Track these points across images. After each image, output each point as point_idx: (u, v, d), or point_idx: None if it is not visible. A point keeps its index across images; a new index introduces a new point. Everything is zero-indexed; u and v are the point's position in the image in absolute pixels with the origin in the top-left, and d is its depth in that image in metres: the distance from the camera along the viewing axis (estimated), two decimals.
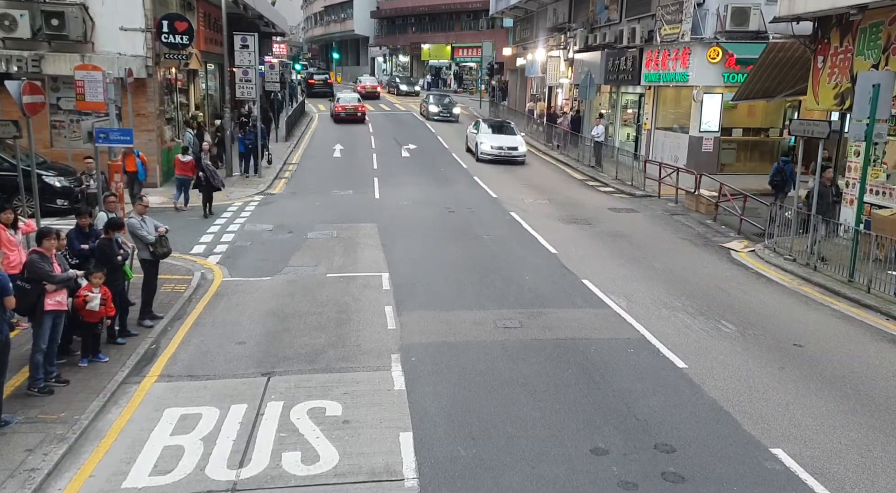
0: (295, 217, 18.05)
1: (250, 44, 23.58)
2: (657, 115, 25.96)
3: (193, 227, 16.83)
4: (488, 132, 29.12)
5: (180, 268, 13.47)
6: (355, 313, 11.13)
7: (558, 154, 30.85)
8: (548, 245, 15.45)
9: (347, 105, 41.45)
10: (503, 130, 29.82)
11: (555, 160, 29.87)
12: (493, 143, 28.10)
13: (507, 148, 27.95)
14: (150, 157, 21.28)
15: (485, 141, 28.22)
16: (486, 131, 29.26)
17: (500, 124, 30.90)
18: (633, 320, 10.81)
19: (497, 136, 28.75)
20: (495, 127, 30.30)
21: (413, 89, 61.00)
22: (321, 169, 26.29)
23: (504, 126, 30.47)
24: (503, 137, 28.77)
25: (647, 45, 25.62)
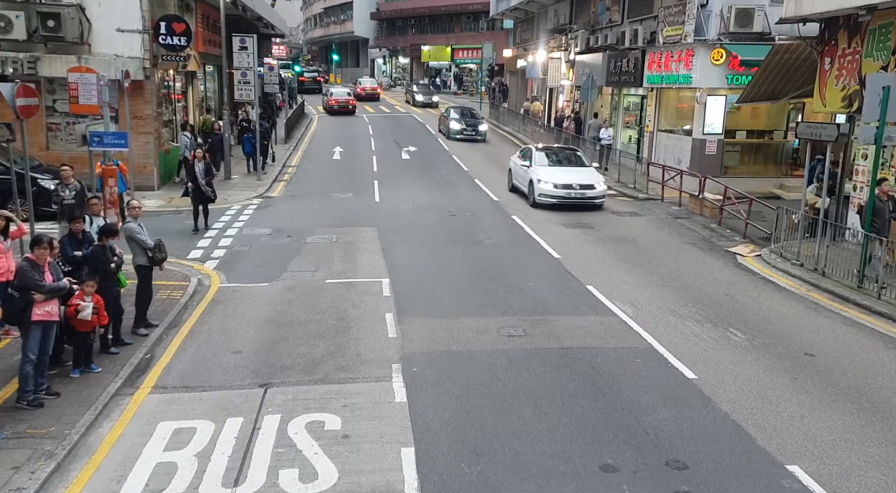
0: (294, 221, 17.79)
1: (249, 45, 23.34)
2: (659, 117, 25.70)
3: (190, 231, 16.56)
4: (546, 164, 20.89)
5: (177, 274, 13.21)
6: (355, 320, 10.87)
7: None
8: (551, 250, 15.19)
9: (340, 99, 46.60)
10: (569, 160, 21.54)
11: None
12: (556, 179, 19.82)
13: (578, 187, 19.60)
14: (148, 159, 21.08)
15: (543, 177, 19.90)
16: (543, 162, 20.91)
17: (564, 153, 22.41)
18: (640, 328, 10.54)
19: (560, 169, 20.63)
20: (556, 156, 21.78)
21: (431, 100, 51.50)
22: (320, 172, 26.03)
23: (569, 155, 22.06)
24: (570, 171, 20.49)
25: (649, 47, 25.37)
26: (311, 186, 23.10)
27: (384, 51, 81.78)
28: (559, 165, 21.05)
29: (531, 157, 21.40)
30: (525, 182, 21.00)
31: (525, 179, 21.03)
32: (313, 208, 19.59)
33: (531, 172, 20.58)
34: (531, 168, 20.80)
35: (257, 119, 24.68)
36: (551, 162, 21.21)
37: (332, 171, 26.31)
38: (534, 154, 21.49)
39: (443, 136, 35.27)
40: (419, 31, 74.11)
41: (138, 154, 20.84)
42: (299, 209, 19.46)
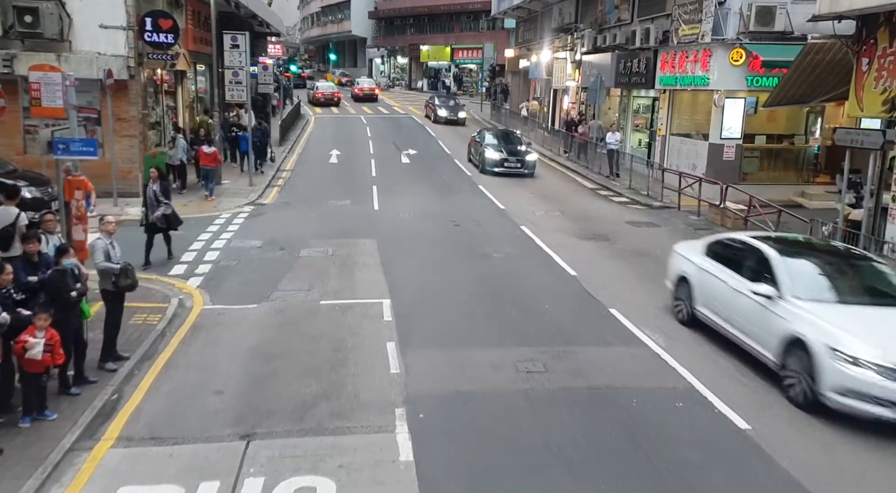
0: (287, 231, 16.55)
1: (241, 43, 22.08)
2: (672, 120, 24.51)
3: (176, 242, 15.24)
4: None
5: (156, 293, 11.97)
6: (353, 351, 9.63)
7: (566, 160, 29.39)
8: (566, 266, 13.97)
9: (326, 92, 51.77)
10: None
11: (562, 167, 28.40)
12: None
13: None
14: (132, 164, 19.82)
15: None
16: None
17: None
18: (676, 362, 9.32)
19: None
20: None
21: (457, 116, 40.89)
22: (316, 176, 24.79)
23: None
24: None
25: (662, 47, 24.18)
26: (307, 193, 21.86)
27: (382, 51, 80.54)
28: None
29: None
30: None
31: None
32: (308, 217, 18.36)
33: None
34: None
35: (250, 122, 23.43)
36: None
37: (329, 175, 25.08)
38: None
39: (474, 166, 26.53)
40: (418, 30, 72.88)
41: (122, 158, 19.61)
42: (293, 218, 18.21)
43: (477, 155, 26.62)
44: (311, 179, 24.17)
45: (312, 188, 22.57)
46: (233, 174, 23.44)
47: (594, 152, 26.95)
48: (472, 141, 28.09)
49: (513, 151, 25.64)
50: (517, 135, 28.44)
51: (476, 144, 27.30)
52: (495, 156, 25.18)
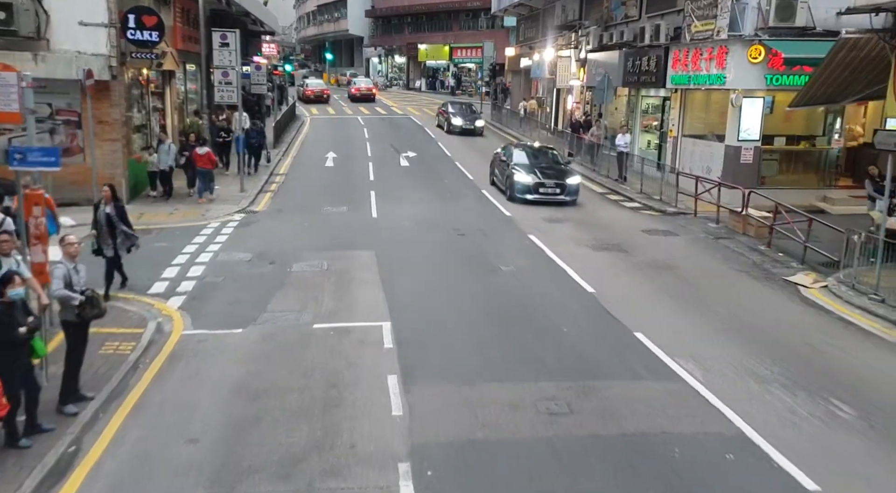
0: (279, 243, 15.40)
1: (231, 41, 20.89)
2: (685, 121, 23.38)
3: (158, 256, 14.16)
4: None
5: (132, 316, 10.82)
6: (349, 387, 8.49)
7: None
8: (581, 281, 12.82)
9: (315, 89, 53.39)
10: None
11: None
12: None
13: None
14: (115, 170, 18.65)
15: None
16: None
17: None
18: (719, 400, 8.18)
19: None
20: None
21: (474, 126, 35.70)
22: (311, 181, 23.63)
23: None
24: None
25: (673, 44, 23.04)
26: (301, 199, 20.70)
27: (380, 50, 79.37)
28: None
29: None
30: None
31: None
32: (302, 226, 17.20)
33: None
34: None
35: (241, 124, 22.27)
36: None
37: (325, 180, 23.92)
38: None
39: (500, 192, 21.44)
40: (416, 29, 71.72)
41: (104, 164, 18.39)
42: (286, 227, 17.06)
43: (503, 178, 21.34)
44: (306, 184, 23.02)
45: (307, 194, 21.42)
46: (224, 180, 22.25)
47: (602, 155, 25.77)
48: (497, 160, 22.78)
49: (549, 172, 20.68)
50: (555, 152, 22.91)
51: (501, 165, 21.95)
52: (527, 179, 19.99)
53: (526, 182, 20.11)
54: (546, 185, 20.01)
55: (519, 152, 22.06)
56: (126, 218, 12.19)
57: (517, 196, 20.03)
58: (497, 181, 22.35)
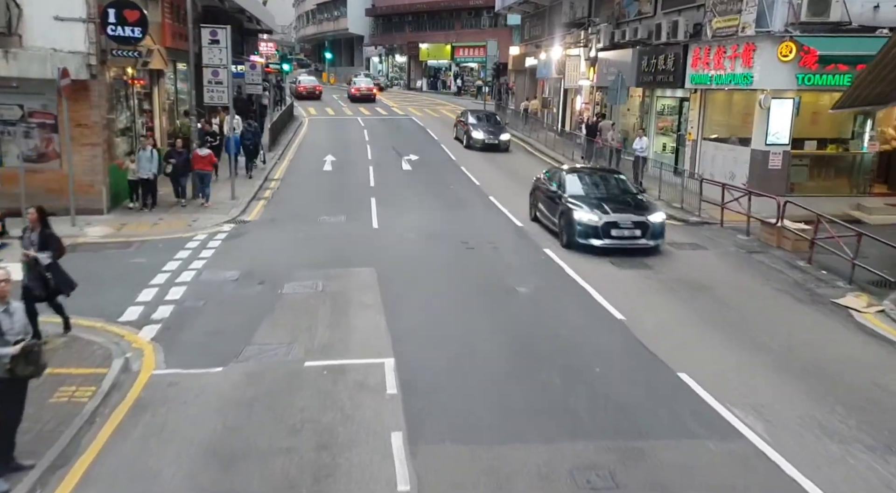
0: (270, 258, 13.99)
1: (221, 38, 19.46)
2: (705, 123, 21.96)
3: (135, 275, 12.75)
4: None
5: (97, 351, 9.41)
6: (345, 449, 7.06)
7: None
8: (609, 305, 11.40)
9: (308, 85, 54.69)
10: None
11: None
12: None
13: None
14: (95, 176, 17.26)
15: None
16: None
17: None
18: (794, 468, 6.74)
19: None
20: None
21: (499, 139, 30.16)
22: (308, 187, 22.23)
23: None
24: None
25: (693, 41, 21.63)
26: (296, 207, 19.30)
27: (380, 49, 77.96)
28: None
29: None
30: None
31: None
32: (296, 238, 15.79)
33: None
34: None
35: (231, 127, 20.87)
36: None
37: (322, 186, 22.52)
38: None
39: (552, 234, 16.04)
40: (417, 28, 70.31)
41: (82, 170, 17.06)
42: (279, 240, 15.65)
43: (552, 212, 16.11)
44: (302, 191, 21.62)
45: (303, 201, 20.03)
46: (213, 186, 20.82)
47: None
48: (540, 188, 17.46)
49: (623, 205, 15.32)
50: (622, 177, 17.43)
51: (549, 200, 16.46)
52: (593, 218, 14.61)
53: (590, 221, 14.54)
54: (622, 224, 14.60)
55: (574, 179, 16.42)
56: (49, 244, 9.53)
57: (578, 242, 14.60)
58: (543, 216, 16.89)
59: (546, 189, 17.02)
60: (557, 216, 15.63)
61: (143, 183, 17.46)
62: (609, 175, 17.78)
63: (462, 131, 31.80)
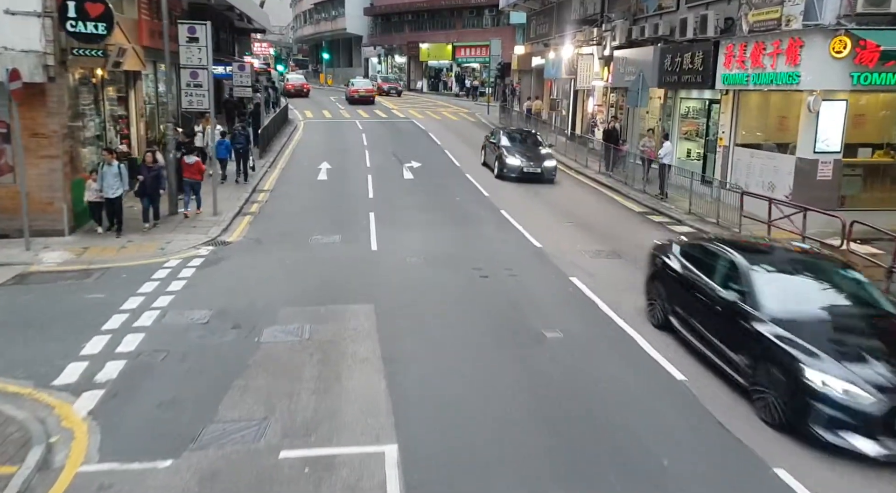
0: (250, 292, 11.87)
1: (201, 36, 17.36)
2: (738, 127, 19.84)
3: (87, 315, 10.65)
4: None
5: (12, 434, 7.30)
6: None
7: (595, 173, 24.73)
8: (664, 361, 9.26)
9: (296, 84, 55.72)
10: None
11: (593, 182, 23.75)
12: None
13: None
14: (54, 193, 15.16)
15: None
16: None
17: None
18: None
19: None
20: None
21: (540, 167, 23.21)
22: (300, 200, 20.11)
23: None
24: None
25: (725, 37, 19.51)
26: (286, 224, 17.18)
27: (379, 49, 75.82)
28: None
29: None
30: None
31: None
32: (283, 265, 13.67)
33: None
34: None
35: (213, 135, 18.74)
36: None
37: (316, 198, 20.40)
38: None
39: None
40: (417, 27, 68.20)
41: (39, 186, 14.99)
42: (262, 268, 13.52)
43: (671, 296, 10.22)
44: (294, 204, 19.49)
45: (293, 217, 17.91)
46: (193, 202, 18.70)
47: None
48: (662, 270, 10.72)
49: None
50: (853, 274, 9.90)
51: (675, 285, 10.19)
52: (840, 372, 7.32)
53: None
54: None
55: (755, 266, 9.04)
56: None
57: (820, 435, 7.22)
58: (663, 307, 10.45)
59: (665, 268, 10.53)
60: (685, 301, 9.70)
61: (107, 204, 15.19)
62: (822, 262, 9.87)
63: (492, 156, 24.51)
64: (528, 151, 23.79)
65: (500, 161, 23.46)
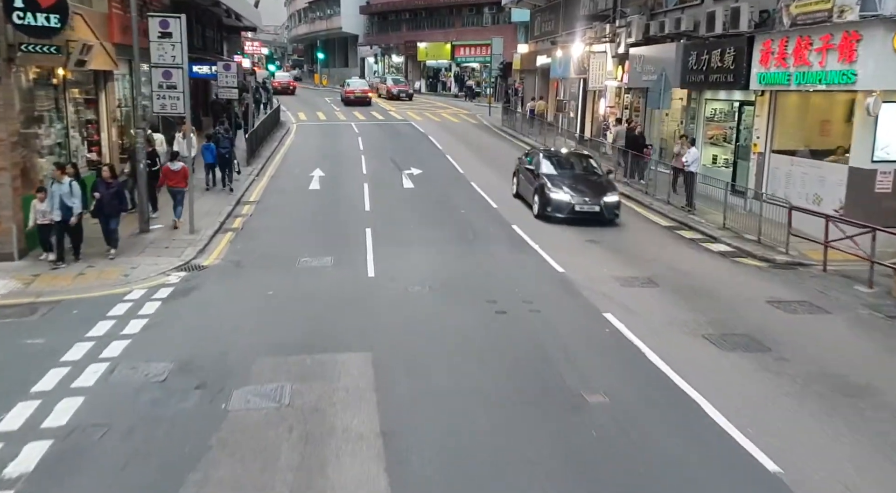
0: (220, 337, 9.83)
1: (174, 30, 15.30)
2: (775, 131, 17.86)
3: (17, 371, 8.62)
4: None
5: None
6: None
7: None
8: (737, 435, 7.24)
9: (282, 81, 57.60)
10: None
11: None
12: None
13: None
14: (2, 211, 13.09)
15: None
16: None
17: None
18: None
19: None
20: None
21: (600, 205, 17.02)
22: (289, 213, 18.09)
23: None
24: None
25: (761, 32, 17.53)
26: (270, 243, 15.17)
27: (375, 48, 73.75)
28: None
29: None
30: None
31: None
32: (263, 297, 11.64)
33: None
34: None
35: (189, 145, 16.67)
36: None
37: (307, 210, 18.39)
38: None
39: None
40: (415, 26, 66.13)
41: None
42: (240, 300, 11.49)
43: None
44: (281, 219, 17.48)
45: (280, 234, 15.91)
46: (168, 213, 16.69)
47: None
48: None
49: None
50: None
51: None
52: None
53: None
54: None
55: None
56: None
57: None
58: None
59: None
60: None
61: (58, 227, 12.99)
62: None
63: (528, 187, 18.47)
64: (580, 182, 17.68)
65: (542, 196, 17.28)
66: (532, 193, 18.09)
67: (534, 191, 17.94)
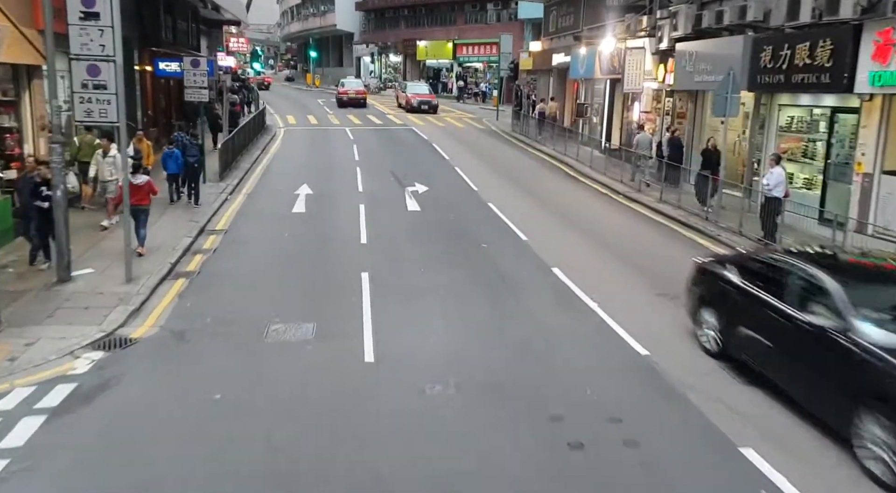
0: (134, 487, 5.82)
1: (102, 10, 11.25)
2: (887, 147, 13.93)
3: None
4: None
5: None
6: None
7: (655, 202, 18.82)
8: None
9: (257, 78, 59.01)
10: None
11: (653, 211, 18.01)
12: None
13: None
14: None
15: None
16: None
17: None
18: None
19: None
20: None
21: None
22: (263, 250, 14.05)
23: None
24: None
25: (871, 19, 13.59)
26: (232, 298, 11.15)
27: (372, 47, 69.76)
28: None
29: None
30: None
31: None
32: (208, 404, 7.61)
33: None
34: None
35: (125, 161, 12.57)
36: None
37: (287, 245, 14.40)
38: None
39: None
40: (414, 23, 62.15)
41: None
42: (168, 413, 7.45)
43: None
44: (252, 258, 13.44)
45: (247, 283, 11.88)
46: (108, 244, 12.63)
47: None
48: None
49: None
50: None
51: None
52: None
53: None
54: None
55: None
56: None
57: None
58: None
59: None
60: None
61: None
62: None
63: (742, 331, 8.45)
64: None
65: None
66: (763, 356, 8.13)
67: (766, 351, 8.06)
